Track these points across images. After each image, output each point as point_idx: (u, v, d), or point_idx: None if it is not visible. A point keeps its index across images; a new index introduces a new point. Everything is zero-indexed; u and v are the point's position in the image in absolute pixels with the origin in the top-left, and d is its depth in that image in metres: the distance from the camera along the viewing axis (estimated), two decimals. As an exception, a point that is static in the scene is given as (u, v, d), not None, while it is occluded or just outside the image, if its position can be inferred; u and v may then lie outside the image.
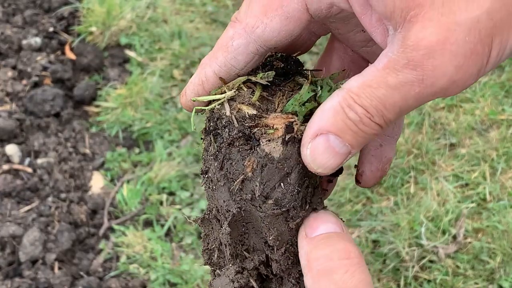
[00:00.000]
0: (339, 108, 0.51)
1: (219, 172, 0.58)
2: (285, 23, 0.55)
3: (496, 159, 2.51)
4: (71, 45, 2.89)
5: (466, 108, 2.70)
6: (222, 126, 0.58)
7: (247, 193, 0.57)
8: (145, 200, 2.40)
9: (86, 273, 2.18)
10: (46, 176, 2.41)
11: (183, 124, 2.63)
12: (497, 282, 2.17)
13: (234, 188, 0.57)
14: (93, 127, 2.64)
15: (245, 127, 0.56)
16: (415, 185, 2.45)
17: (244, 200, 0.57)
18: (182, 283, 2.17)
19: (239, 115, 0.57)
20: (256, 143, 0.56)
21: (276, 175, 0.56)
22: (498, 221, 2.31)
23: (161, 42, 2.95)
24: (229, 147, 0.57)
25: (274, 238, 0.57)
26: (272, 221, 0.57)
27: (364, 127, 0.51)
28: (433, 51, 0.47)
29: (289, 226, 0.57)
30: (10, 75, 2.72)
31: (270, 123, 0.56)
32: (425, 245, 2.26)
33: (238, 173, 0.57)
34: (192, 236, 2.31)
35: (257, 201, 0.57)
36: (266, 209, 0.56)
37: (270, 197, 0.56)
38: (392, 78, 0.49)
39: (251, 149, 0.56)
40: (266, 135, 0.56)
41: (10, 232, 2.19)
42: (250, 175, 0.56)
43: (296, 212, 0.57)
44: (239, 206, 0.58)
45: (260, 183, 0.56)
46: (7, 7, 3.01)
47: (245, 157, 0.56)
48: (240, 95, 0.58)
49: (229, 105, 0.58)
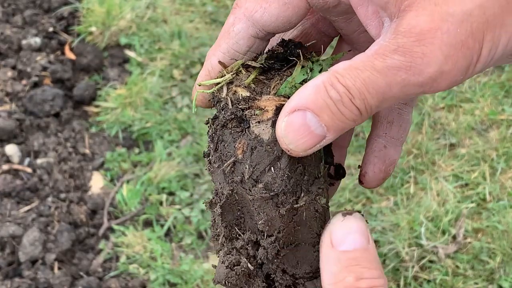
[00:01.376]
0: (321, 86, 0.50)
1: (215, 154, 0.59)
2: (283, 8, 0.55)
3: (496, 159, 2.51)
4: (71, 45, 2.89)
5: (466, 108, 2.70)
6: (220, 109, 0.59)
7: (238, 175, 0.57)
8: (145, 200, 2.40)
9: (86, 273, 2.18)
10: (45, 176, 2.41)
11: (183, 124, 2.63)
12: (497, 282, 2.17)
13: (226, 169, 0.57)
14: (92, 127, 2.64)
15: (238, 109, 0.57)
16: (415, 185, 2.45)
17: (235, 182, 0.57)
18: (182, 283, 2.17)
19: (234, 97, 0.58)
20: (246, 125, 0.56)
21: (266, 158, 0.55)
22: (498, 221, 2.31)
23: (161, 42, 2.95)
24: (222, 128, 0.58)
25: (264, 223, 0.57)
26: (261, 205, 0.56)
27: (343, 109, 0.50)
28: (424, 38, 0.47)
29: (280, 213, 0.56)
30: (9, 75, 2.72)
31: (262, 105, 0.56)
32: (425, 245, 2.26)
33: (230, 155, 0.57)
34: (192, 236, 2.31)
35: (247, 184, 0.56)
36: (255, 192, 0.56)
37: (260, 181, 0.56)
38: (379, 62, 0.48)
39: (242, 131, 0.56)
40: (256, 116, 0.56)
41: (10, 232, 2.19)
42: (240, 158, 0.56)
43: (286, 198, 0.56)
44: (231, 189, 0.58)
45: (249, 165, 0.56)
46: (7, 7, 3.01)
47: (236, 139, 0.57)
48: (238, 78, 0.59)
49: (227, 88, 0.58)
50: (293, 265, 0.59)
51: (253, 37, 0.58)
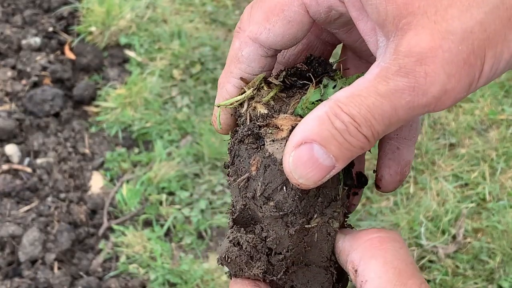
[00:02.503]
0: (325, 117, 0.49)
1: (232, 168, 0.59)
2: (288, 27, 0.54)
3: (495, 159, 2.51)
4: (70, 45, 2.89)
5: (465, 108, 2.70)
6: (240, 124, 0.59)
7: (250, 191, 0.57)
8: (144, 200, 2.40)
9: (85, 273, 2.18)
10: (45, 176, 2.41)
11: (182, 124, 2.63)
12: (496, 282, 2.17)
13: (240, 184, 0.57)
14: (92, 127, 2.63)
15: (255, 126, 0.57)
16: (414, 185, 2.45)
17: (248, 198, 0.57)
18: (182, 283, 2.17)
19: (253, 113, 0.58)
20: (262, 142, 0.56)
21: (279, 177, 0.55)
22: (497, 221, 2.31)
23: (160, 42, 2.95)
24: (239, 143, 0.58)
25: (272, 241, 0.57)
26: (271, 222, 0.57)
27: (350, 138, 0.49)
28: (425, 57, 0.46)
29: (289, 232, 0.56)
30: (9, 75, 2.72)
31: (278, 124, 0.56)
32: (425, 245, 2.26)
33: (245, 171, 0.57)
34: (191, 236, 2.31)
35: (259, 200, 0.56)
36: (266, 210, 0.56)
37: (271, 199, 0.56)
38: (383, 86, 0.47)
39: (258, 148, 0.57)
40: (271, 135, 0.56)
41: (10, 232, 2.19)
42: (254, 174, 0.56)
43: (296, 218, 0.56)
44: (244, 203, 0.58)
45: (262, 183, 0.56)
46: (7, 7, 3.01)
47: (251, 155, 0.57)
48: (259, 94, 0.59)
49: (248, 103, 0.59)
50: (303, 283, 0.60)
51: (264, 57, 0.57)
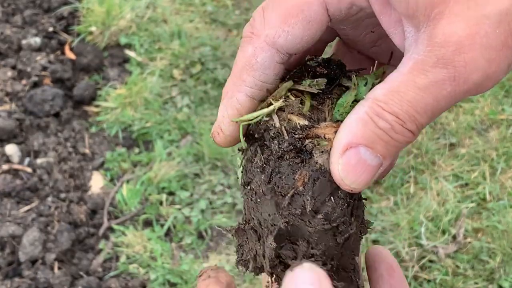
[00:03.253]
0: (367, 118, 0.48)
1: (266, 186, 0.56)
2: (308, 27, 0.53)
3: (496, 159, 2.51)
4: (70, 45, 2.89)
5: (465, 108, 2.70)
6: (270, 138, 0.56)
7: (297, 207, 0.54)
8: (144, 200, 2.40)
9: (85, 273, 2.18)
10: (45, 176, 2.41)
11: (182, 124, 2.63)
12: (497, 282, 2.17)
13: (284, 202, 0.55)
14: (92, 127, 2.63)
15: (296, 140, 0.54)
16: (415, 185, 2.45)
17: (293, 214, 0.55)
18: (182, 283, 2.17)
19: (289, 126, 0.55)
20: (308, 156, 0.54)
21: (328, 188, 0.54)
22: (498, 221, 2.31)
23: (160, 42, 2.95)
24: (279, 160, 0.55)
25: (322, 253, 0.56)
26: (321, 236, 0.55)
27: (396, 135, 0.48)
28: (463, 46, 0.45)
29: (337, 241, 0.55)
30: (9, 75, 2.72)
31: (321, 133, 0.54)
32: (425, 245, 2.26)
33: (288, 187, 0.54)
34: (192, 236, 2.31)
35: (307, 216, 0.54)
36: (316, 224, 0.54)
37: (319, 212, 0.54)
38: (422, 80, 0.46)
39: (302, 162, 0.54)
40: (319, 146, 0.54)
41: (10, 232, 2.19)
42: (301, 189, 0.54)
43: (346, 227, 0.55)
44: (286, 221, 0.55)
45: (311, 197, 0.54)
46: (7, 7, 3.01)
47: (295, 170, 0.54)
48: (288, 105, 0.56)
49: (277, 115, 0.56)
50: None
51: (279, 63, 0.55)
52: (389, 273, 0.63)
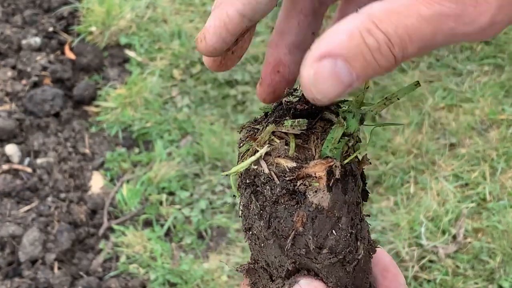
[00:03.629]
0: (356, 32, 0.45)
1: (267, 231, 0.56)
2: None
3: (496, 159, 2.51)
4: (70, 45, 2.89)
5: (466, 108, 2.70)
6: (262, 183, 0.56)
7: (300, 247, 0.55)
8: (144, 200, 2.40)
9: (85, 273, 2.18)
10: (45, 176, 2.41)
11: (182, 124, 2.63)
12: (497, 282, 2.17)
13: (287, 245, 0.55)
14: (92, 127, 2.63)
15: (287, 183, 0.54)
16: (415, 185, 2.45)
17: (299, 255, 0.55)
18: (182, 283, 2.17)
19: (278, 170, 0.55)
20: (302, 197, 0.54)
21: (328, 224, 0.54)
22: (498, 221, 2.31)
23: (160, 42, 2.95)
24: (274, 205, 0.55)
25: (334, 285, 0.56)
26: (329, 270, 0.55)
27: (380, 57, 0.45)
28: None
29: (346, 270, 0.56)
30: (9, 75, 2.72)
31: (311, 172, 0.54)
32: (425, 245, 2.26)
33: (288, 230, 0.55)
34: (192, 236, 2.31)
35: (312, 253, 0.55)
36: (322, 259, 0.55)
37: (323, 247, 0.55)
38: (426, 9, 0.44)
39: (298, 203, 0.54)
40: (312, 187, 0.54)
41: (10, 232, 2.19)
42: (301, 230, 0.54)
43: (352, 256, 0.56)
44: (293, 261, 0.56)
45: (312, 235, 0.54)
46: (7, 7, 3.01)
47: (292, 213, 0.54)
48: (274, 149, 0.56)
49: (264, 160, 0.55)
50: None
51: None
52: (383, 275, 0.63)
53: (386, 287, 0.62)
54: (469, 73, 2.85)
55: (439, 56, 2.94)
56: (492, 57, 2.90)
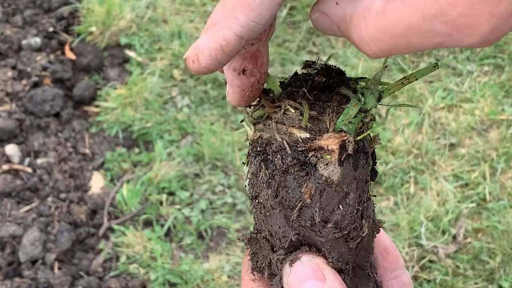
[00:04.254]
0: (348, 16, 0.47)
1: (274, 200, 0.56)
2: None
3: (496, 159, 2.51)
4: (71, 45, 2.89)
5: (466, 108, 2.70)
6: (273, 152, 0.55)
7: (306, 219, 0.55)
8: (145, 200, 2.40)
9: (86, 273, 2.18)
10: (46, 176, 2.41)
11: (183, 124, 2.63)
12: (497, 282, 2.17)
13: (292, 216, 0.55)
14: (93, 127, 2.64)
15: (299, 153, 0.54)
16: (415, 185, 2.45)
17: (303, 226, 0.55)
18: (182, 283, 2.17)
19: (290, 140, 0.55)
20: (312, 168, 0.54)
21: (335, 198, 0.54)
22: (498, 221, 2.31)
23: (161, 42, 2.95)
24: (284, 175, 0.55)
25: (336, 261, 0.56)
26: (333, 244, 0.55)
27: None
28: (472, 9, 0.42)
29: (349, 246, 0.56)
30: (10, 75, 2.72)
31: (323, 144, 0.54)
32: (425, 245, 2.26)
33: (295, 200, 0.55)
34: (192, 236, 2.31)
35: (317, 226, 0.55)
36: (327, 233, 0.55)
37: (329, 221, 0.55)
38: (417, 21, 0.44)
39: (308, 175, 0.54)
40: (323, 159, 0.54)
41: (10, 232, 2.19)
42: (308, 202, 0.54)
43: (357, 232, 0.56)
44: (297, 233, 0.56)
45: (319, 208, 0.54)
46: (7, 7, 3.01)
47: (301, 184, 0.54)
48: (288, 118, 0.56)
49: (277, 129, 0.55)
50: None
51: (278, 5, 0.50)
52: (383, 256, 0.63)
53: (387, 268, 0.63)
54: (469, 73, 2.85)
55: (439, 56, 2.94)
56: (492, 57, 2.91)
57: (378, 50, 0.46)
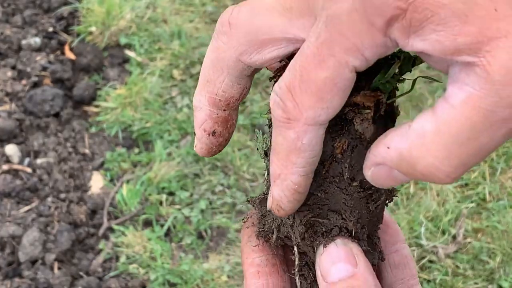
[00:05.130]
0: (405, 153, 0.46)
1: None
2: (343, 95, 0.49)
3: (495, 159, 2.51)
4: (70, 45, 2.89)
5: (465, 108, 2.70)
6: None
7: (334, 175, 0.55)
8: (144, 200, 2.40)
9: (85, 273, 2.18)
10: (45, 176, 2.41)
11: (182, 124, 2.63)
12: (496, 282, 2.17)
13: (321, 170, 0.55)
14: (92, 127, 2.64)
15: None
16: (414, 185, 2.45)
17: (330, 182, 0.55)
18: (182, 283, 2.17)
19: None
20: (347, 123, 0.54)
21: (364, 156, 0.53)
22: (497, 221, 2.31)
23: (160, 42, 2.95)
24: None
25: (356, 221, 0.56)
26: (355, 203, 0.55)
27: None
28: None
29: (369, 209, 0.56)
30: (9, 75, 2.72)
31: (359, 101, 0.53)
32: (425, 245, 2.26)
33: (326, 155, 0.54)
34: (191, 236, 2.31)
35: (344, 183, 0.55)
36: (352, 191, 0.55)
37: (355, 179, 0.55)
38: (477, 118, 0.42)
39: (342, 129, 0.54)
40: (360, 115, 0.53)
41: (10, 232, 2.19)
42: (339, 157, 0.54)
43: (378, 195, 0.56)
44: (323, 189, 0.55)
45: (349, 165, 0.54)
46: (7, 7, 3.01)
47: (335, 138, 0.54)
48: None
49: None
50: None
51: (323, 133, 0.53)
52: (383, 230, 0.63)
53: (387, 242, 0.63)
54: (469, 73, 2.85)
55: (439, 56, 2.94)
56: (492, 57, 2.91)
57: (452, 170, 0.44)
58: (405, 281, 0.63)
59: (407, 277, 0.63)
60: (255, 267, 0.60)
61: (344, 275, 0.53)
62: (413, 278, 0.63)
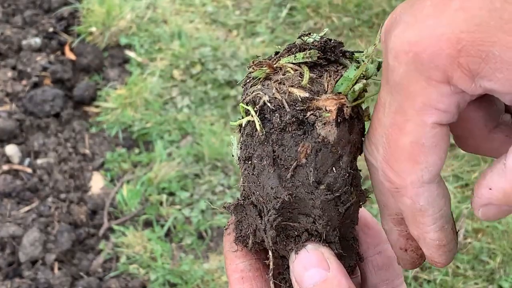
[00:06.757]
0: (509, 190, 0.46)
1: (268, 159, 0.56)
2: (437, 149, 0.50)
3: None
4: (71, 46, 2.89)
5: (466, 108, 2.70)
6: (271, 111, 0.56)
7: (300, 179, 0.55)
8: (145, 200, 2.40)
9: (86, 274, 2.18)
10: (46, 177, 2.41)
11: (183, 124, 2.63)
12: (497, 282, 2.17)
13: (287, 175, 0.56)
14: (93, 128, 2.64)
15: (298, 111, 0.55)
16: (415, 186, 2.45)
17: (296, 186, 0.56)
18: (182, 284, 2.17)
19: (290, 99, 0.55)
20: (310, 128, 0.55)
21: (330, 159, 0.55)
22: (498, 221, 2.31)
23: (161, 42, 2.95)
24: (282, 132, 0.56)
25: (325, 224, 0.56)
26: (324, 206, 0.56)
27: None
28: None
29: (339, 211, 0.56)
30: (10, 75, 2.72)
31: (321, 105, 0.55)
32: (425, 245, 2.26)
33: (291, 159, 0.55)
34: (192, 236, 2.31)
35: (310, 187, 0.55)
36: (319, 194, 0.55)
37: (322, 182, 0.55)
38: None
39: (305, 134, 0.55)
40: (322, 118, 0.54)
41: (10, 233, 2.19)
42: (304, 161, 0.55)
43: (347, 197, 0.56)
44: (290, 193, 0.56)
45: (314, 168, 0.55)
46: (7, 7, 3.01)
47: (298, 142, 0.55)
48: (288, 78, 0.56)
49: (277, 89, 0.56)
50: None
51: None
52: (365, 231, 0.64)
53: (369, 244, 0.63)
54: (469, 73, 2.85)
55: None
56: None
57: None
58: (390, 281, 0.63)
59: (391, 278, 0.63)
60: (239, 272, 0.60)
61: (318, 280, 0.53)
62: (398, 278, 0.63)
